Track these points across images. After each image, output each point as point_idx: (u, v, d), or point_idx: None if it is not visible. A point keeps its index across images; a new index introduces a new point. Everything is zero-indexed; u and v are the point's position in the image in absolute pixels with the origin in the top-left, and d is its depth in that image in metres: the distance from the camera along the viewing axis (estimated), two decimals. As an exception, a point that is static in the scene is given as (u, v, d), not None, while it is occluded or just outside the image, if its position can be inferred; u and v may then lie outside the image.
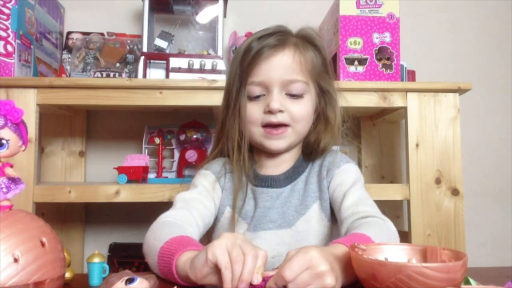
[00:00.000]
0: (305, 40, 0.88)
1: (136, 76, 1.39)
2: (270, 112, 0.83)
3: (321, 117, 0.90)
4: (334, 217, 0.87)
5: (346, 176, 0.85)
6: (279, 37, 0.85)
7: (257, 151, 0.92)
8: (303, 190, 0.88)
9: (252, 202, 0.89)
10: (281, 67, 0.83)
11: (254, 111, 0.85)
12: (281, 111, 0.83)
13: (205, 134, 1.45)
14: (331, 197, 0.85)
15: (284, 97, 0.84)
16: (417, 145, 1.27)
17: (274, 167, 0.91)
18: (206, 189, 0.89)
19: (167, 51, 1.41)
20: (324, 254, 0.55)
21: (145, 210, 1.54)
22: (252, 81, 0.84)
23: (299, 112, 0.84)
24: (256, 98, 0.85)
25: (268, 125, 0.84)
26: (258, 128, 0.85)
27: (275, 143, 0.85)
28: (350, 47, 1.32)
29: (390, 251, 0.62)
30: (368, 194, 0.85)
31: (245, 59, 0.85)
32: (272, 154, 0.90)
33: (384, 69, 1.31)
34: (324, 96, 0.90)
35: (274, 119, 0.83)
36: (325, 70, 0.89)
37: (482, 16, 1.74)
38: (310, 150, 0.90)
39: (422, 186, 1.25)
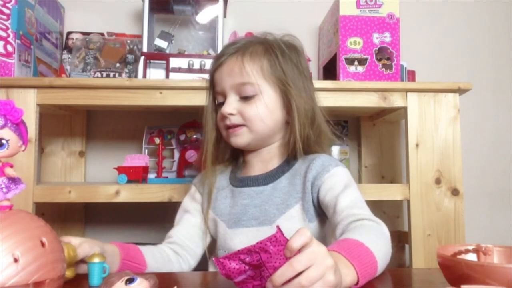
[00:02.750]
0: (267, 46, 0.91)
1: (136, 76, 1.39)
2: (225, 116, 0.90)
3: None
4: (319, 219, 0.88)
5: (336, 180, 0.86)
6: (234, 46, 0.92)
7: (246, 152, 0.97)
8: (286, 189, 0.89)
9: (228, 201, 0.94)
10: (228, 74, 0.90)
11: (218, 117, 0.94)
12: (231, 114, 0.89)
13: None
14: (323, 201, 0.85)
15: (238, 100, 0.90)
16: (417, 145, 1.27)
17: (260, 167, 0.95)
18: (188, 210, 0.99)
19: (167, 51, 1.41)
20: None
21: (145, 210, 1.54)
22: (215, 90, 0.94)
23: (250, 113, 0.88)
24: (220, 104, 0.93)
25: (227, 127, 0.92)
26: (223, 130, 0.93)
27: (233, 140, 0.91)
28: (350, 47, 1.32)
29: None
30: (362, 196, 0.85)
31: (211, 69, 0.96)
32: (252, 152, 0.95)
33: (384, 69, 1.31)
34: (287, 96, 0.91)
35: (228, 122, 0.90)
36: (281, 72, 0.90)
37: (482, 16, 1.74)
38: (291, 149, 0.91)
39: (422, 186, 1.25)
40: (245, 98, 0.89)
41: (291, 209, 0.87)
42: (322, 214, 0.88)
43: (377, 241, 0.69)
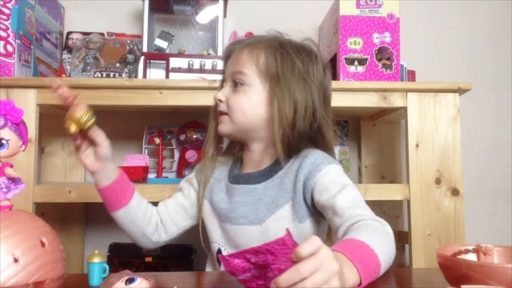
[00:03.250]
0: (268, 43, 0.91)
1: (136, 76, 1.39)
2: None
3: None
4: (312, 219, 0.87)
5: (330, 179, 0.83)
6: (245, 39, 0.93)
7: (243, 147, 0.97)
8: (277, 188, 0.88)
9: (222, 195, 0.94)
10: (231, 62, 0.92)
11: None
12: (220, 100, 0.91)
13: (205, 134, 1.45)
14: (318, 202, 0.83)
15: (231, 89, 0.91)
16: (417, 145, 1.27)
17: (253, 165, 0.94)
18: (181, 189, 1.02)
19: (167, 51, 1.41)
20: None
21: (145, 210, 1.54)
22: (223, 79, 0.96)
23: (233, 102, 0.89)
24: None
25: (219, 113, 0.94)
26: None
27: (219, 127, 0.93)
28: (350, 47, 1.32)
29: None
30: (360, 194, 0.83)
31: (223, 58, 0.98)
32: (246, 149, 0.96)
33: (384, 69, 1.31)
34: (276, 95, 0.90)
35: (218, 108, 0.92)
36: (275, 69, 0.88)
37: (481, 16, 1.74)
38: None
39: (422, 186, 1.25)
40: (236, 88, 0.90)
41: (281, 209, 0.86)
42: (316, 214, 0.87)
43: (381, 243, 0.69)
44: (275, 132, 0.86)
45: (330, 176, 0.84)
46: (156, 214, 0.98)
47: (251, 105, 0.88)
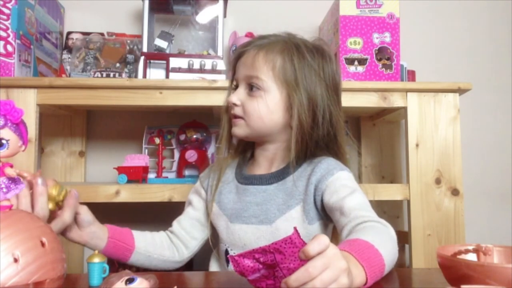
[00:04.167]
0: (285, 46, 0.89)
1: (136, 76, 1.39)
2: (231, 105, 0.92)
3: None
4: (321, 222, 0.89)
5: (341, 183, 0.85)
6: (260, 39, 0.92)
7: (255, 147, 0.98)
8: (289, 190, 0.89)
9: (232, 196, 0.95)
10: (243, 64, 0.91)
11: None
12: (235, 104, 0.90)
13: (205, 134, 1.45)
14: (327, 204, 0.84)
15: (247, 93, 0.91)
16: (417, 145, 1.27)
17: (266, 166, 0.95)
18: (190, 202, 1.02)
19: (167, 51, 1.41)
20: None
21: (145, 210, 1.54)
22: (234, 77, 0.95)
23: (249, 108, 0.89)
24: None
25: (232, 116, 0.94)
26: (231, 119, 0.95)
27: (233, 130, 0.93)
28: (350, 47, 1.32)
29: None
30: (368, 201, 0.85)
31: (234, 56, 0.96)
32: (259, 148, 0.96)
33: (384, 69, 1.31)
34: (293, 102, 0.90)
35: (233, 111, 0.92)
36: (293, 75, 0.88)
37: (482, 16, 1.74)
38: (296, 152, 0.91)
39: (422, 186, 1.25)
40: (251, 92, 0.89)
41: (292, 210, 0.87)
42: (325, 218, 0.88)
43: (386, 244, 0.70)
44: (292, 138, 0.87)
45: (341, 181, 0.86)
46: (165, 236, 0.99)
47: (269, 111, 0.89)
